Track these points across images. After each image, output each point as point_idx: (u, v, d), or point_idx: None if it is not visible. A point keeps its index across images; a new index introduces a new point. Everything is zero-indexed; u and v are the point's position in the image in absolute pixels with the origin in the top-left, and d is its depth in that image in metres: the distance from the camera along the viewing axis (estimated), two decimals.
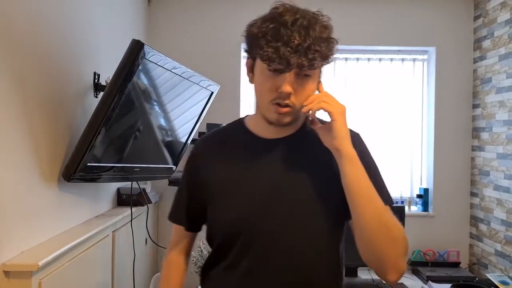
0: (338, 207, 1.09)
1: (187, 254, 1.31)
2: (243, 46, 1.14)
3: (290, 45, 0.97)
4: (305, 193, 1.09)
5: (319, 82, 1.09)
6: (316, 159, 1.12)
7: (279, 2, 1.04)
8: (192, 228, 1.27)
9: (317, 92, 1.08)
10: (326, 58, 1.03)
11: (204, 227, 1.25)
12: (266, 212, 1.08)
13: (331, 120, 1.03)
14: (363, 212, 1.02)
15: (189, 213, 1.24)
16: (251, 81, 1.13)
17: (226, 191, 1.13)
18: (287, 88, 1.01)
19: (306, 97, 1.04)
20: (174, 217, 1.28)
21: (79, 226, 1.83)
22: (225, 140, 1.22)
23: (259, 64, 1.04)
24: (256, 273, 1.08)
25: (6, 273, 1.28)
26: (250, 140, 1.16)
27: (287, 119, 1.07)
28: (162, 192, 3.05)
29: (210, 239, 1.22)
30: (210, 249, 1.24)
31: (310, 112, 1.04)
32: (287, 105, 1.03)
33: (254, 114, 1.21)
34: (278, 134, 1.14)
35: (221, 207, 1.13)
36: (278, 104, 1.03)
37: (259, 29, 1.01)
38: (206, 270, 1.22)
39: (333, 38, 1.03)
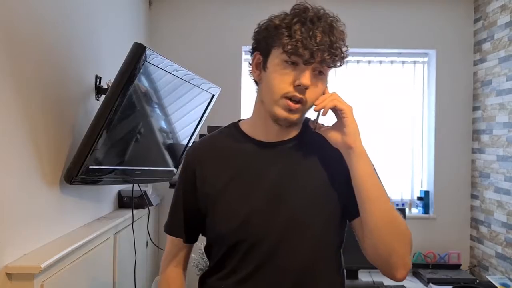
0: (341, 208, 1.10)
1: (185, 267, 1.27)
2: (244, 47, 1.15)
3: (314, 39, 0.98)
4: (308, 196, 1.08)
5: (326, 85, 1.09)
6: (318, 162, 1.11)
7: (301, 1, 1.05)
8: (190, 239, 1.23)
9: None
10: (343, 59, 1.04)
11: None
12: (269, 217, 1.06)
13: (344, 118, 1.04)
14: (374, 209, 1.02)
15: (187, 224, 1.20)
16: (257, 78, 1.11)
17: (225, 200, 1.10)
18: (307, 80, 1.00)
19: (317, 95, 1.04)
20: (171, 229, 1.23)
21: (81, 228, 1.83)
22: (220, 145, 1.18)
23: (277, 56, 1.03)
24: (258, 278, 1.07)
25: (9, 276, 1.29)
26: (248, 144, 1.14)
27: (296, 117, 1.05)
28: (163, 195, 3.05)
29: (209, 249, 1.19)
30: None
31: (322, 110, 1.04)
32: (299, 101, 1.03)
33: (249, 118, 1.19)
34: (278, 137, 1.13)
35: (222, 217, 1.10)
36: (290, 99, 1.02)
37: (282, 21, 1.02)
38: (205, 279, 1.19)
39: (346, 44, 1.05)
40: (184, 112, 2.29)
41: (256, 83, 1.15)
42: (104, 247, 1.92)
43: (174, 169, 2.44)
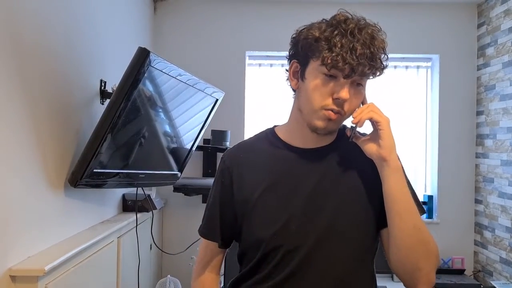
0: (375, 217, 1.10)
1: (219, 272, 1.26)
2: (248, 52, 1.13)
3: (354, 52, 0.97)
4: (345, 203, 1.08)
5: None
6: (353, 170, 1.11)
7: (342, 10, 1.04)
8: (225, 244, 1.22)
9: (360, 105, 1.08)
10: (382, 69, 1.04)
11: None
12: (307, 224, 1.07)
13: (380, 130, 1.03)
14: (404, 225, 1.03)
15: (223, 229, 1.18)
16: (295, 87, 1.11)
17: (263, 206, 1.09)
18: (346, 94, 1.00)
19: (355, 106, 1.05)
20: (207, 233, 1.21)
21: (85, 231, 1.84)
22: (258, 151, 1.17)
23: (315, 67, 1.02)
24: (293, 283, 1.07)
25: (13, 278, 1.30)
26: (286, 151, 1.14)
27: (334, 127, 1.07)
28: (167, 198, 3.06)
29: (243, 255, 1.18)
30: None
31: (358, 122, 1.03)
32: (338, 112, 1.03)
33: (285, 124, 1.19)
34: (315, 144, 1.12)
35: (260, 223, 1.10)
36: (330, 110, 1.02)
37: (322, 33, 1.00)
38: (238, 284, 1.18)
39: (386, 53, 1.04)
40: (188, 117, 2.30)
41: (293, 89, 1.14)
42: (108, 250, 1.93)
43: (178, 173, 2.45)
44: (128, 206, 2.43)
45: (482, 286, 2.75)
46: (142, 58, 1.60)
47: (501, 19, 2.83)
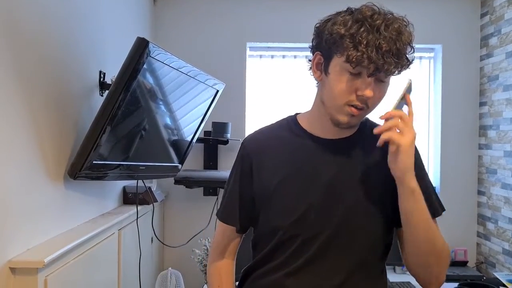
0: (391, 213, 1.10)
1: (235, 258, 1.27)
2: (248, 44, 1.12)
3: (380, 50, 0.95)
4: (362, 195, 1.09)
5: (408, 94, 1.07)
6: (373, 163, 1.11)
7: (369, 3, 1.03)
8: (243, 229, 1.23)
9: (405, 106, 1.06)
10: (409, 65, 1.03)
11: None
12: (324, 214, 1.08)
13: (399, 152, 0.99)
14: (417, 239, 1.05)
15: (241, 214, 1.20)
16: (318, 79, 1.11)
17: (282, 193, 1.11)
18: (370, 92, 1.00)
19: (378, 100, 1.06)
20: (226, 217, 1.23)
21: (85, 224, 1.84)
22: (278, 138, 1.17)
23: (339, 63, 1.01)
24: (307, 271, 1.08)
25: (12, 270, 1.29)
26: (307, 140, 1.14)
27: (356, 121, 1.08)
28: (167, 191, 3.05)
29: (258, 241, 1.19)
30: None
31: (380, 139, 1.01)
32: (361, 108, 1.03)
33: (308, 112, 1.19)
34: (336, 135, 1.12)
35: (278, 211, 1.11)
36: (353, 106, 1.02)
37: (347, 30, 0.98)
38: (251, 271, 1.18)
39: (413, 46, 1.03)
40: (189, 108, 2.29)
41: (316, 80, 1.14)
42: (108, 243, 1.93)
43: (178, 165, 2.44)
44: (128, 198, 2.42)
45: (484, 278, 2.74)
46: (141, 48, 1.58)
47: (505, 9, 2.80)
